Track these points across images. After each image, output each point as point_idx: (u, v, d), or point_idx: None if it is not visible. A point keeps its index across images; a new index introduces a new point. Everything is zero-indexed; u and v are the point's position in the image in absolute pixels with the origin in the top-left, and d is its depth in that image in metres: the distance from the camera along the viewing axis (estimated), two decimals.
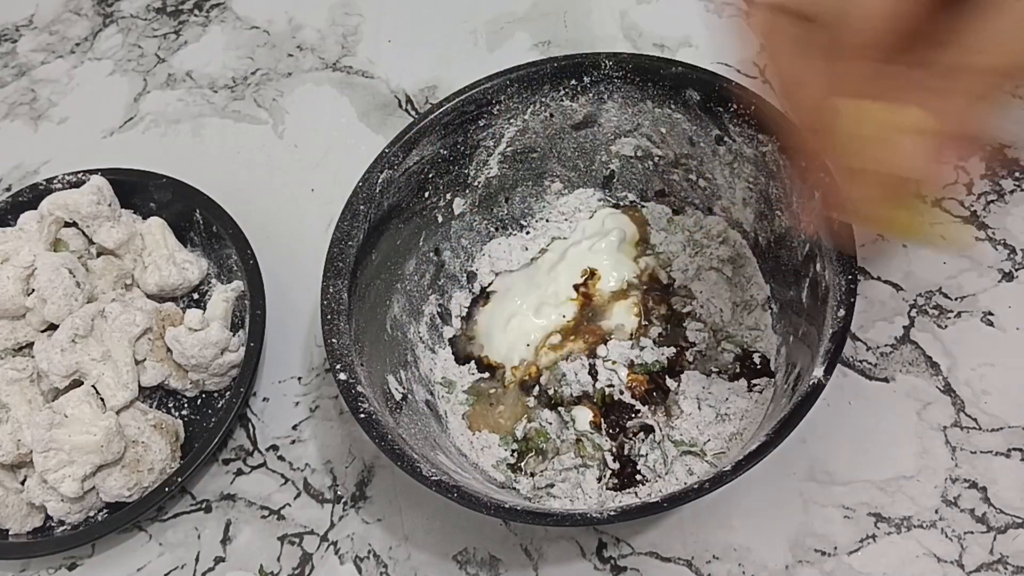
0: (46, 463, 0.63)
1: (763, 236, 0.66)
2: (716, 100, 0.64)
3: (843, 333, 0.54)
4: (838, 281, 0.56)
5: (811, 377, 0.54)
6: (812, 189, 0.58)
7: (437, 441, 0.63)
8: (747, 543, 0.62)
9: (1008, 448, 0.63)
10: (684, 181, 0.70)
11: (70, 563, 0.68)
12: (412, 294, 0.69)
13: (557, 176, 0.72)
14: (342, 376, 0.59)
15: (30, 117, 0.90)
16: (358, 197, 0.64)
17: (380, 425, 0.57)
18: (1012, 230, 0.70)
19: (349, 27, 0.91)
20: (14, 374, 0.68)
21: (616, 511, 0.53)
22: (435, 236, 0.70)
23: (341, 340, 0.60)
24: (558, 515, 0.55)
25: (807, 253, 0.61)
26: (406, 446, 0.57)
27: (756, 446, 0.52)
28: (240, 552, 0.66)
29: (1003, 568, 0.59)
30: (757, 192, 0.65)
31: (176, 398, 0.72)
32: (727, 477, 0.52)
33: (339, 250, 0.63)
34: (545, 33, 0.87)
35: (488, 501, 0.54)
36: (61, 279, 0.68)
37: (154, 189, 0.76)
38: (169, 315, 0.71)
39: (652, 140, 0.69)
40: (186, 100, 0.88)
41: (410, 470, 0.55)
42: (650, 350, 0.66)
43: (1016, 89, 0.75)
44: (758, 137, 0.63)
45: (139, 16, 0.95)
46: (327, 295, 0.61)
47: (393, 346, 0.66)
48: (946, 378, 0.65)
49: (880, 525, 0.61)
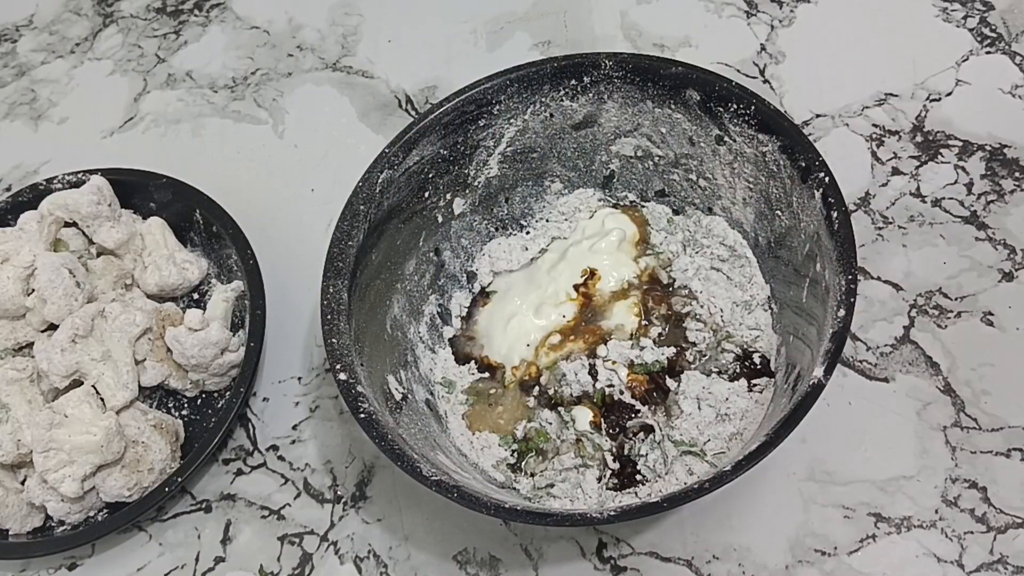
0: (46, 463, 0.63)
1: (763, 236, 0.66)
2: (716, 100, 0.64)
3: (843, 333, 0.54)
4: (838, 281, 0.56)
5: (811, 377, 0.54)
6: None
7: (437, 441, 0.63)
8: (747, 543, 0.62)
9: (1008, 448, 0.63)
10: (684, 181, 0.70)
11: (70, 563, 0.68)
12: (412, 294, 0.69)
13: (557, 176, 0.72)
14: (342, 376, 0.59)
15: (30, 117, 0.90)
16: (358, 197, 0.64)
17: (380, 425, 0.57)
18: (1012, 230, 0.70)
19: (349, 27, 0.91)
20: (14, 374, 0.68)
21: (616, 511, 0.53)
22: (435, 236, 0.70)
23: (341, 340, 0.60)
24: (558, 515, 0.55)
25: (807, 253, 0.61)
26: (406, 446, 0.57)
27: (756, 446, 0.52)
28: (240, 552, 0.66)
29: (1003, 568, 0.59)
30: (757, 192, 0.65)
31: (176, 398, 0.72)
32: (727, 477, 0.52)
33: (339, 250, 0.63)
34: (545, 33, 0.87)
35: (488, 501, 0.54)
36: (61, 279, 0.68)
37: (154, 189, 0.76)
38: (169, 315, 0.71)
39: (652, 140, 0.69)
40: (186, 100, 0.88)
41: (410, 470, 0.55)
42: (650, 350, 0.66)
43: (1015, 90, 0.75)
44: (758, 137, 0.63)
45: (139, 16, 0.95)
46: (327, 295, 0.61)
47: (393, 346, 0.66)
48: (946, 378, 0.65)
49: (880, 525, 0.61)
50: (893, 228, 0.71)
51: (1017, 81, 0.77)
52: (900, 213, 0.72)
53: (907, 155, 0.74)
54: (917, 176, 0.73)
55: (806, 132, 0.76)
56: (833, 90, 0.78)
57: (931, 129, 0.75)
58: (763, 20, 0.84)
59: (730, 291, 0.68)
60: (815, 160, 0.60)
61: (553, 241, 0.73)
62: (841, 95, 0.78)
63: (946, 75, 0.78)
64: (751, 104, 0.63)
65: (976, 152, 0.74)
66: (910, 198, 0.73)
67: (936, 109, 0.76)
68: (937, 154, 0.74)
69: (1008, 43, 0.79)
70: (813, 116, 0.77)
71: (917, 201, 0.72)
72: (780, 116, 0.62)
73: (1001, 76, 0.77)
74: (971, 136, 0.75)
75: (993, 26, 0.80)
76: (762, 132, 0.63)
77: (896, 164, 0.74)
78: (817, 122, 0.77)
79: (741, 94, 0.63)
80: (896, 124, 0.76)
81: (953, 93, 0.77)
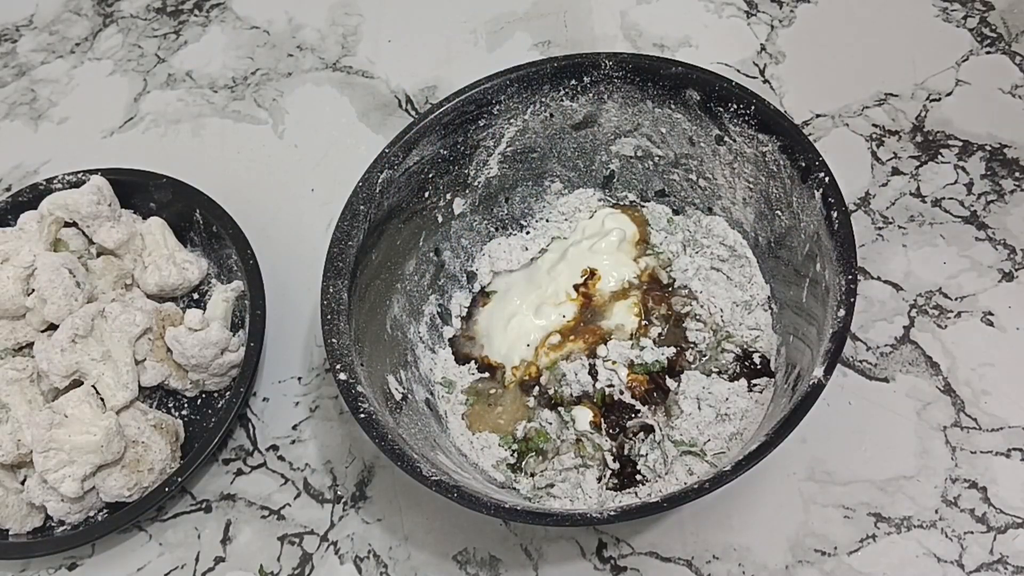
0: (46, 463, 0.63)
1: (763, 236, 0.66)
2: (716, 100, 0.64)
3: (843, 333, 0.54)
4: (838, 281, 0.56)
5: (811, 377, 0.54)
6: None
7: (437, 441, 0.63)
8: (747, 543, 0.62)
9: (1008, 448, 0.63)
10: (684, 181, 0.70)
11: (70, 563, 0.68)
12: (412, 294, 0.69)
13: (557, 176, 0.72)
14: (342, 376, 0.59)
15: (30, 117, 0.90)
16: (358, 197, 0.64)
17: (380, 425, 0.57)
18: (1012, 230, 0.70)
19: (349, 27, 0.91)
20: (14, 374, 0.68)
21: (616, 511, 0.53)
22: (435, 236, 0.70)
23: (341, 340, 0.60)
24: (558, 515, 0.55)
25: (807, 253, 0.61)
26: (406, 446, 0.57)
27: (756, 446, 0.52)
28: (240, 552, 0.66)
29: (1003, 568, 0.59)
30: (757, 192, 0.65)
31: (176, 398, 0.72)
32: (727, 477, 0.52)
33: (339, 250, 0.63)
34: (545, 33, 0.87)
35: (488, 501, 0.54)
36: (61, 279, 0.68)
37: (154, 189, 0.76)
38: (169, 315, 0.71)
39: (652, 140, 0.69)
40: (186, 100, 0.88)
41: (410, 470, 0.55)
42: (650, 350, 0.66)
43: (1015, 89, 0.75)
44: (758, 137, 0.63)
45: (139, 16, 0.95)
46: (327, 295, 0.61)
47: (393, 346, 0.66)
48: (946, 378, 0.65)
49: (880, 525, 0.61)
50: (893, 228, 0.71)
51: (1017, 81, 0.77)
52: (900, 213, 0.72)
53: (907, 155, 0.74)
54: (917, 176, 0.73)
55: (806, 132, 0.76)
56: (833, 90, 0.78)
57: (931, 129, 0.75)
58: (763, 20, 0.84)
59: (730, 291, 0.68)
60: (815, 160, 0.60)
61: (553, 241, 0.73)
62: (841, 95, 0.78)
63: (946, 75, 0.78)
64: (751, 104, 0.63)
65: (976, 152, 0.74)
66: (910, 198, 0.73)
67: (936, 109, 0.76)
68: (937, 154, 0.74)
69: (1008, 43, 0.79)
70: (813, 116, 0.77)
71: (917, 201, 0.72)
72: (780, 116, 0.62)
73: (1001, 76, 0.77)
74: (971, 136, 0.75)
75: (993, 26, 0.80)
76: (762, 132, 0.63)
77: (896, 164, 0.74)
78: (817, 122, 0.77)
79: (741, 94, 0.63)
80: (896, 124, 0.76)
81: (953, 93, 0.77)
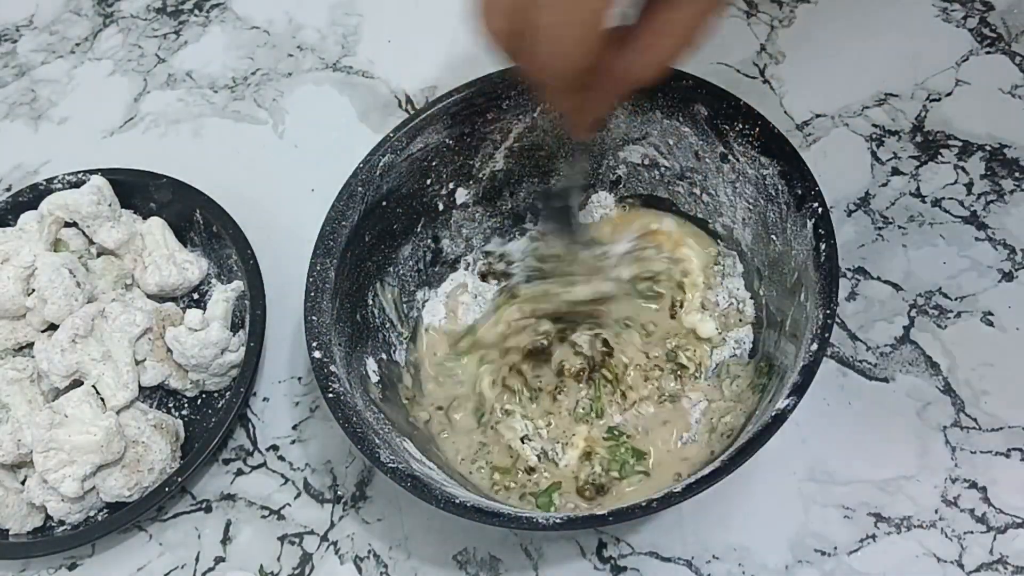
0: (46, 463, 0.63)
1: (759, 259, 0.66)
2: (723, 117, 0.63)
3: (813, 367, 0.53)
4: (816, 315, 0.55)
5: (773, 408, 0.53)
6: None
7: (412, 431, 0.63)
8: (747, 543, 0.62)
9: (1008, 448, 0.63)
10: (688, 195, 0.69)
11: (70, 563, 0.68)
12: (405, 279, 0.69)
13: (563, 176, 0.72)
14: (316, 354, 0.59)
15: (30, 117, 0.90)
16: (357, 179, 0.64)
17: (346, 406, 0.57)
18: (1012, 230, 0.70)
19: (349, 27, 0.91)
20: (14, 374, 0.68)
21: (614, 511, 0.53)
22: (434, 224, 0.70)
23: (321, 318, 0.60)
24: (558, 515, 0.55)
25: (795, 281, 0.60)
26: (370, 431, 0.57)
27: (745, 440, 0.53)
28: (240, 552, 0.66)
29: (1003, 568, 0.59)
30: (756, 214, 0.64)
31: (176, 398, 0.72)
32: (720, 474, 0.52)
33: (331, 229, 0.63)
34: None
35: (439, 493, 0.54)
36: (61, 279, 0.68)
37: (154, 189, 0.76)
38: (169, 315, 0.71)
39: (659, 150, 0.68)
40: (186, 100, 0.88)
41: (368, 454, 0.55)
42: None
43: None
44: (760, 159, 0.62)
45: (139, 16, 0.95)
46: (313, 272, 0.61)
47: (378, 330, 0.66)
48: (946, 378, 0.65)
49: (880, 525, 0.61)
50: (893, 228, 0.71)
51: (1017, 81, 0.77)
52: (900, 213, 0.72)
53: (907, 155, 0.74)
54: (917, 176, 0.73)
55: (806, 132, 0.76)
56: (833, 90, 0.78)
57: (931, 129, 0.75)
58: (763, 20, 0.84)
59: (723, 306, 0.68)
60: (811, 189, 0.59)
61: None
62: (841, 95, 0.78)
63: (946, 75, 0.78)
64: (756, 125, 0.62)
65: (976, 152, 0.74)
66: (910, 198, 0.73)
67: (936, 109, 0.76)
68: (937, 154, 0.74)
69: (1008, 43, 0.79)
70: (813, 116, 0.77)
71: (917, 201, 0.72)
72: (783, 140, 0.61)
73: (1001, 76, 0.77)
74: (971, 136, 0.75)
75: (993, 26, 0.80)
76: (764, 155, 0.62)
77: (896, 164, 0.74)
78: (817, 122, 0.77)
79: (747, 113, 0.62)
80: (896, 124, 0.76)
81: (953, 93, 0.77)
